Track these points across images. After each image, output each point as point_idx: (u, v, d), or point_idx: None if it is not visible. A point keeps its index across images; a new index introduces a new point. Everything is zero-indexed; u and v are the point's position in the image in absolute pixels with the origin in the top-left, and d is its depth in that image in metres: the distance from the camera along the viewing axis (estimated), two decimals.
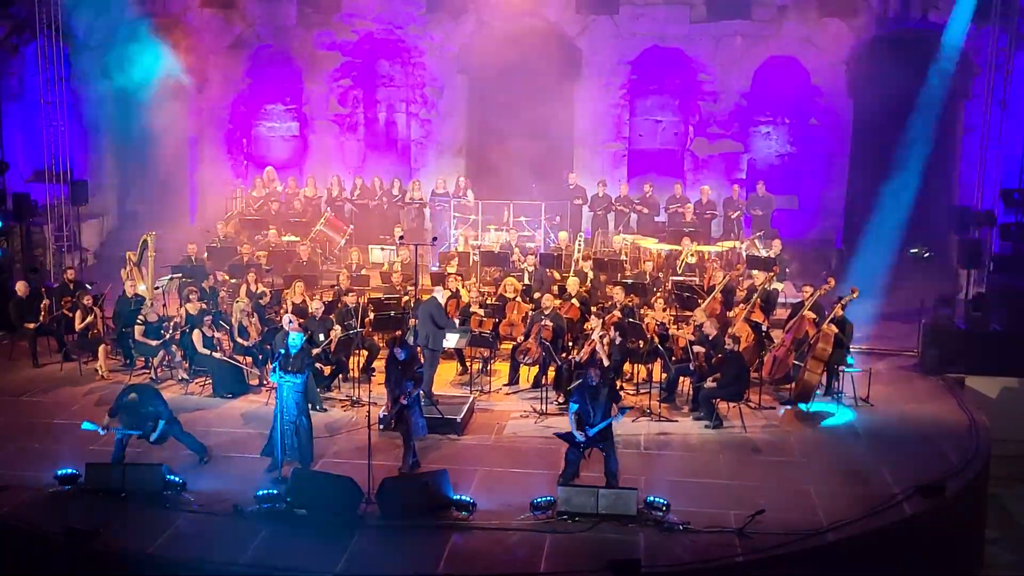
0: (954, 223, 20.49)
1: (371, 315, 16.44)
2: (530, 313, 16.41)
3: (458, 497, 11.57)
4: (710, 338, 15.01)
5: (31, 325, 17.22)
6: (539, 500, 11.47)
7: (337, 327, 15.68)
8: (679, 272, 19.27)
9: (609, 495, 11.41)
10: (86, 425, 12.58)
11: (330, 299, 17.16)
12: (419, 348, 14.31)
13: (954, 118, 23.28)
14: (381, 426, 13.01)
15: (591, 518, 11.25)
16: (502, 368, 16.61)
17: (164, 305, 18.12)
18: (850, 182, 23.97)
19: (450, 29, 24.50)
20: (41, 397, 15.62)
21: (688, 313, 16.54)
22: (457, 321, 16.12)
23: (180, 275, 18.74)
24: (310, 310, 15.93)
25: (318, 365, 15.06)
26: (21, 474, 12.35)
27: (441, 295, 15.37)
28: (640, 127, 25.03)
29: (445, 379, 16.18)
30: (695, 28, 23.73)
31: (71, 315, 16.89)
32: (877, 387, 15.73)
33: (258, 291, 17.35)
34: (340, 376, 15.95)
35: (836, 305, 15.57)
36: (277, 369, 12.36)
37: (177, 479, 11.91)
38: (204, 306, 16.34)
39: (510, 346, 16.53)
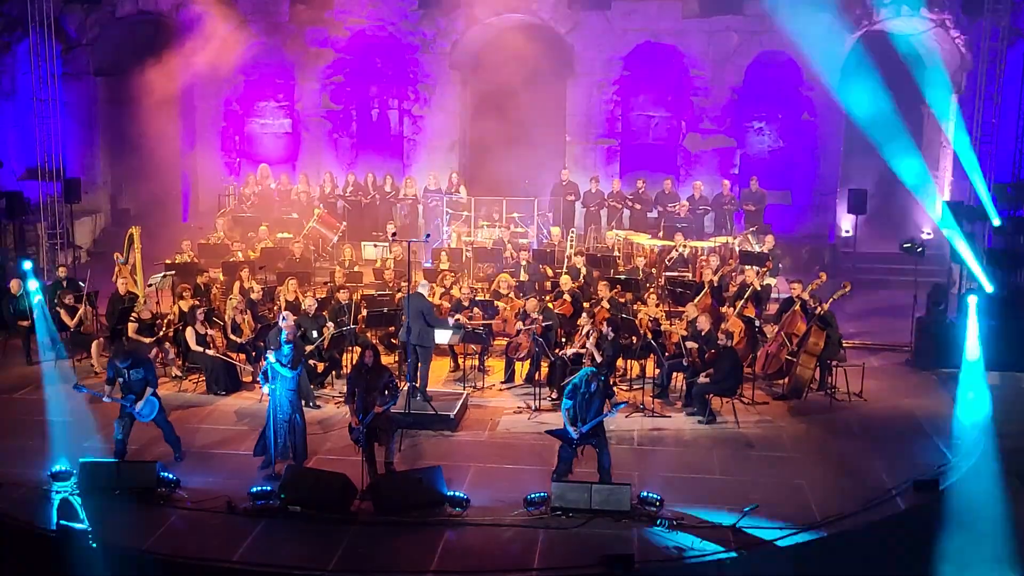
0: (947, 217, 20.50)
1: (364, 312, 16.45)
2: (523, 309, 16.41)
3: (452, 493, 11.58)
4: (703, 334, 15.03)
5: (25, 323, 17.19)
6: (533, 496, 11.48)
7: (330, 324, 15.68)
8: (668, 264, 19.32)
9: (603, 491, 11.43)
10: (79, 387, 13.23)
11: (323, 296, 17.16)
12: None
13: (947, 112, 23.33)
14: (355, 437, 12.31)
15: (585, 514, 11.26)
16: (495, 364, 16.61)
17: (157, 302, 18.10)
18: (842, 177, 23.99)
19: (442, 25, 24.47)
20: (35, 394, 15.58)
21: (681, 309, 16.57)
22: (451, 319, 16.08)
23: (173, 272, 18.72)
24: (303, 307, 15.93)
25: (311, 362, 15.04)
26: (15, 471, 12.34)
27: (426, 289, 15.36)
28: (633, 123, 25.03)
29: (439, 376, 16.18)
30: (687, 24, 23.71)
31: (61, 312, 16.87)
32: (870, 382, 15.77)
33: (250, 288, 17.32)
34: (333, 373, 15.94)
35: (829, 300, 15.61)
36: (267, 374, 12.33)
37: (171, 476, 11.91)
38: (197, 303, 16.32)
39: (503, 342, 16.54)
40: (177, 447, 12.96)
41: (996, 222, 19.10)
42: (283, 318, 13.99)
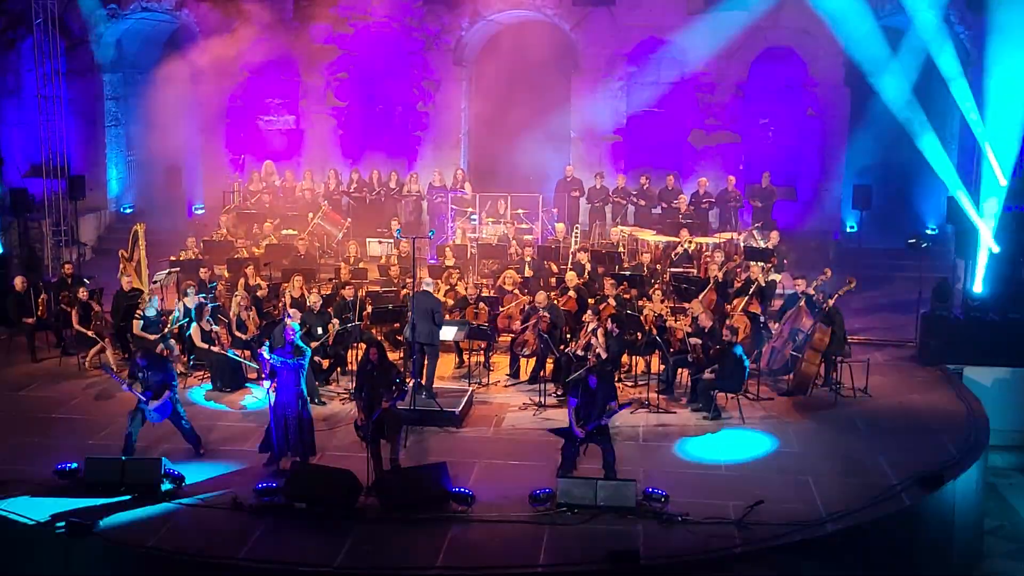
0: (951, 212, 20.47)
1: (369, 308, 16.45)
2: (527, 306, 16.41)
3: (457, 490, 11.58)
4: (707, 330, 15.01)
5: (30, 320, 17.21)
6: (538, 492, 11.48)
7: (335, 320, 15.68)
8: (673, 260, 19.31)
9: (608, 487, 11.43)
10: (106, 368, 15.04)
11: (328, 293, 17.16)
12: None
13: (951, 107, 23.25)
14: (361, 434, 12.34)
15: (590, 510, 11.26)
16: (501, 361, 16.61)
17: (162, 299, 18.11)
18: (847, 172, 23.94)
19: (447, 22, 24.47)
20: (40, 392, 15.62)
21: (686, 305, 16.57)
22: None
23: (178, 269, 18.73)
24: (308, 303, 15.93)
25: (316, 358, 15.04)
26: (20, 468, 12.36)
27: (432, 286, 15.35)
28: (637, 119, 24.99)
29: (444, 372, 16.17)
30: (692, 19, 23.68)
31: (69, 310, 16.87)
32: (875, 378, 15.71)
33: (256, 285, 17.33)
34: (338, 369, 15.95)
35: (835, 295, 15.59)
36: (268, 377, 12.34)
37: (176, 472, 11.92)
38: (202, 300, 16.33)
39: (509, 339, 16.53)
40: (197, 445, 13.02)
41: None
42: (288, 315, 14.00)
